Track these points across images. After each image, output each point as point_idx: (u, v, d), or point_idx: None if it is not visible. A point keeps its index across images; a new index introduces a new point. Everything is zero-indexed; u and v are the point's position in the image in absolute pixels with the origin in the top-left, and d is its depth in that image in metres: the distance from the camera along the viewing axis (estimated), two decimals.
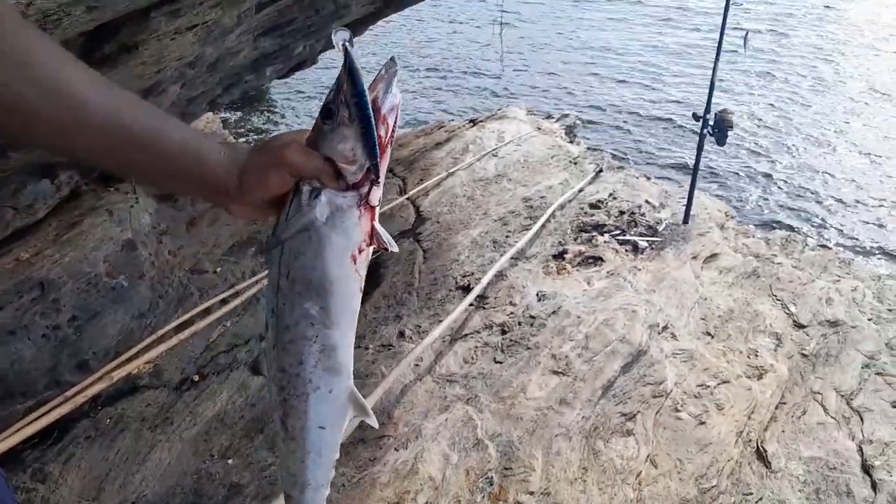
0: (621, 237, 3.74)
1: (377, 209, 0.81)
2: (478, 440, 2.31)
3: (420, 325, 3.01)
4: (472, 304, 3.07)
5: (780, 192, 7.07)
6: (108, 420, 2.45)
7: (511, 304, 3.10)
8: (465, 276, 3.36)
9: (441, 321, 2.87)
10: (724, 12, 3.80)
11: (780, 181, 7.25)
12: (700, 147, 3.96)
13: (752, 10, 13.50)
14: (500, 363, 2.71)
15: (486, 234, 3.81)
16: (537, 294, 3.13)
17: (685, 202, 4.04)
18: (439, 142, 5.36)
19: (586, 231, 3.80)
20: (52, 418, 2.33)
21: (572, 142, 5.92)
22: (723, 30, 3.82)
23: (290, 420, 0.86)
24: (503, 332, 2.90)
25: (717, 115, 3.81)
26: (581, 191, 4.36)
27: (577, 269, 3.40)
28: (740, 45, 3.83)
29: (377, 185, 0.78)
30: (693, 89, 9.39)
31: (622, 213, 4.02)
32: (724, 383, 2.67)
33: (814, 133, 8.38)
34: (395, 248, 0.83)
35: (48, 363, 2.47)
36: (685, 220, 3.99)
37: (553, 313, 2.94)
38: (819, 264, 4.03)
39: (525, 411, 2.45)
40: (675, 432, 2.45)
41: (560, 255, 3.53)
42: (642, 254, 3.62)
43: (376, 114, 0.75)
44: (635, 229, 3.85)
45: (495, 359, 2.75)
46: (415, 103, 9.36)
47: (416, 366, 2.72)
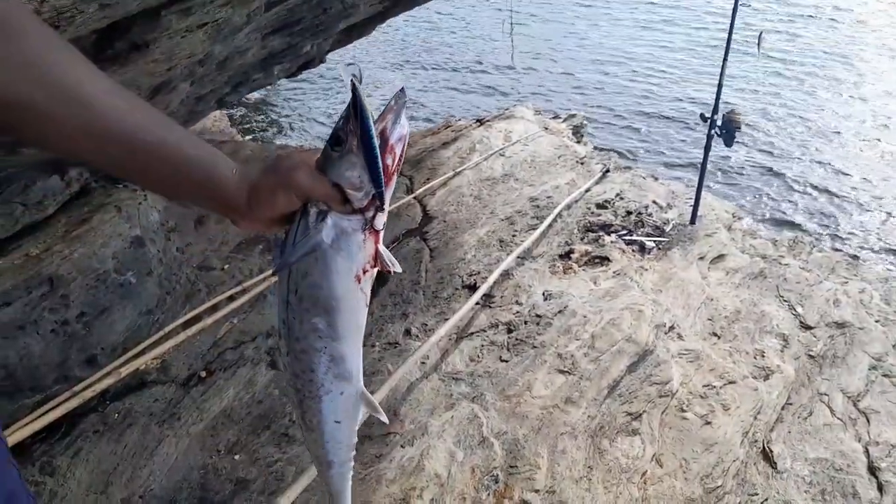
0: (628, 237, 3.74)
1: (381, 233, 0.83)
2: (483, 438, 2.32)
3: (426, 324, 3.02)
4: (478, 303, 3.08)
5: (788, 193, 7.05)
6: (116, 415, 2.46)
7: (517, 303, 3.10)
8: (471, 275, 3.37)
9: (447, 319, 2.88)
10: (733, 14, 3.80)
11: (789, 182, 7.23)
12: (707, 148, 3.95)
13: (765, 10, 13.44)
14: (506, 362, 2.72)
15: (492, 234, 3.81)
16: (543, 293, 3.13)
17: (692, 203, 4.03)
18: (446, 141, 5.36)
19: (593, 231, 3.80)
20: (60, 412, 2.34)
21: (579, 142, 5.93)
22: (731, 31, 3.82)
23: (307, 416, 0.92)
24: (509, 331, 2.91)
25: (724, 116, 3.80)
26: (588, 191, 4.36)
27: (583, 269, 3.40)
28: (753, 44, 3.82)
29: (382, 211, 0.81)
30: (702, 89, 9.35)
31: (629, 213, 4.02)
32: (731, 384, 2.67)
33: (825, 134, 8.35)
34: (399, 269, 0.86)
35: (57, 358, 2.48)
36: (692, 221, 3.99)
37: (559, 312, 2.95)
38: (826, 266, 4.03)
39: (531, 410, 2.45)
40: (681, 432, 2.45)
41: (566, 255, 3.53)
42: (649, 254, 3.61)
43: (384, 143, 0.77)
44: (642, 229, 3.84)
45: (501, 357, 2.75)
46: (422, 102, 9.37)
47: (423, 364, 2.73)
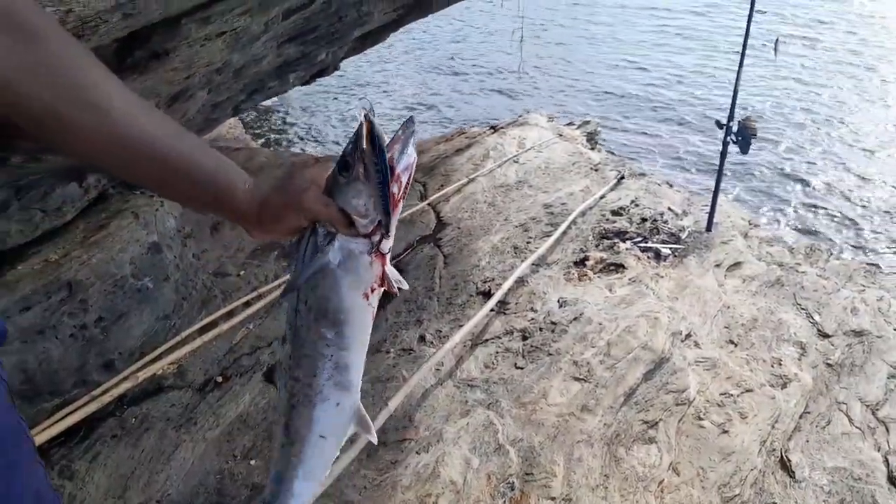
0: (643, 244, 3.72)
1: (388, 255, 0.84)
2: (499, 445, 2.31)
3: (441, 330, 3.02)
4: (492, 310, 3.08)
5: (805, 200, 6.98)
6: (134, 419, 2.48)
7: (532, 309, 3.10)
8: (485, 282, 3.36)
9: (462, 326, 2.88)
10: (748, 20, 3.78)
11: (807, 189, 7.16)
12: (723, 155, 3.93)
13: (785, 16, 13.36)
14: (521, 369, 2.71)
15: (506, 240, 3.81)
16: (558, 300, 3.13)
17: (708, 210, 4.01)
18: (460, 148, 5.37)
19: (608, 238, 3.79)
20: (78, 417, 2.36)
21: (593, 148, 5.91)
22: (746, 37, 3.79)
23: (294, 424, 0.89)
24: (524, 338, 2.90)
25: (740, 122, 3.78)
26: (603, 197, 4.34)
27: (598, 276, 3.39)
28: (771, 50, 3.80)
29: (387, 237, 0.82)
30: (718, 95, 9.30)
31: (644, 220, 4.00)
32: (748, 392, 2.65)
33: (845, 140, 8.24)
34: (405, 286, 0.88)
35: (75, 362, 2.51)
36: (708, 228, 3.97)
37: (574, 320, 2.94)
38: (844, 274, 3.99)
39: (546, 417, 2.44)
40: (698, 440, 2.44)
41: (581, 262, 3.52)
42: (665, 261, 3.60)
43: (391, 172, 0.78)
44: (657, 236, 3.83)
45: (516, 364, 2.75)
46: (436, 109, 9.40)
47: (437, 370, 2.73)
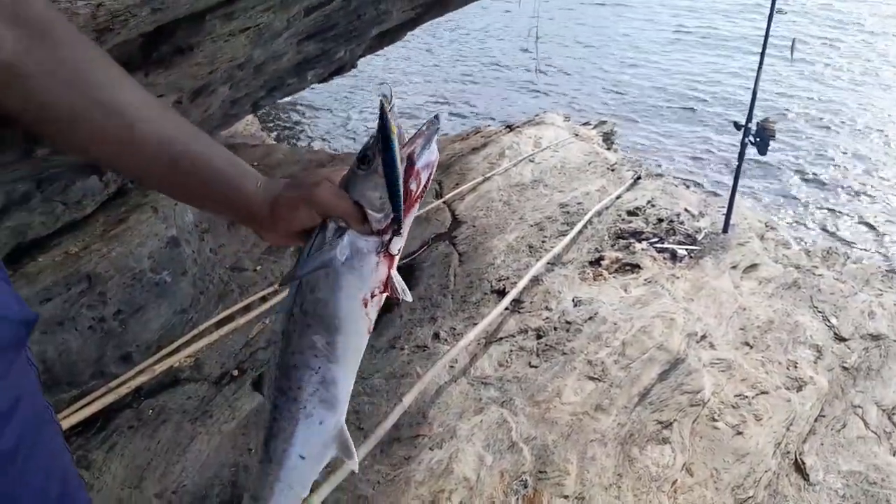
0: (659, 245, 3.71)
1: (396, 258, 0.83)
2: (512, 443, 2.32)
3: (455, 328, 3.03)
4: (507, 308, 3.08)
5: (823, 203, 6.91)
6: (151, 411, 2.51)
7: (547, 308, 3.10)
8: (500, 280, 3.37)
9: (476, 324, 2.88)
10: (769, 21, 3.76)
11: (825, 192, 7.08)
12: (741, 156, 3.91)
13: (807, 16, 13.22)
14: (536, 367, 2.72)
15: (521, 239, 3.81)
16: (573, 300, 3.13)
17: (725, 211, 3.99)
18: (476, 147, 5.37)
19: (624, 238, 3.78)
20: (96, 408, 2.39)
21: (610, 148, 5.90)
22: (766, 38, 3.78)
23: (273, 442, 0.86)
24: (538, 337, 2.90)
25: (758, 124, 3.76)
26: (619, 197, 4.33)
27: (613, 276, 3.39)
28: (788, 52, 3.78)
29: (399, 235, 0.80)
30: (738, 95, 9.22)
31: (660, 220, 3.99)
32: (763, 394, 2.64)
33: (864, 144, 8.14)
34: (409, 298, 0.85)
35: (94, 354, 2.54)
36: (725, 230, 3.95)
37: (589, 319, 2.93)
38: (861, 277, 3.95)
39: (560, 416, 2.44)
40: (712, 441, 2.43)
41: (597, 262, 3.52)
42: (681, 262, 3.58)
43: (410, 168, 0.78)
44: (674, 237, 3.81)
45: (530, 363, 2.75)
46: (451, 107, 9.40)
47: (451, 367, 2.74)
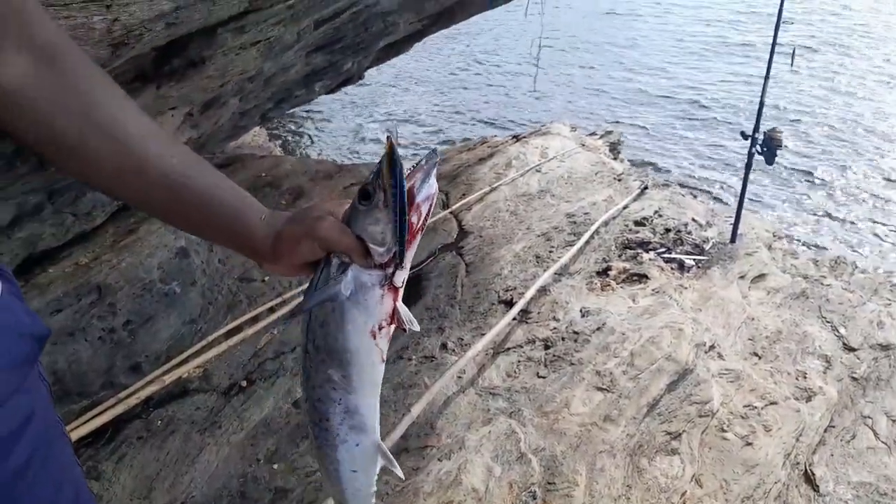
0: (667, 255, 3.71)
1: (401, 290, 0.84)
2: (521, 454, 2.31)
3: (462, 338, 3.03)
4: (514, 319, 3.08)
5: (831, 212, 6.90)
6: (160, 422, 2.51)
7: (554, 319, 3.09)
8: (507, 291, 3.37)
9: (484, 334, 2.88)
10: (776, 30, 3.77)
11: (833, 202, 7.08)
12: (748, 166, 3.91)
13: (815, 25, 13.21)
14: (544, 378, 2.71)
15: (528, 249, 3.81)
16: (581, 310, 3.12)
17: (732, 221, 3.99)
18: (482, 157, 5.38)
19: (631, 248, 3.78)
20: (105, 418, 2.39)
21: (616, 158, 5.90)
22: (773, 48, 3.78)
23: (325, 462, 0.92)
24: (546, 347, 2.90)
25: (766, 134, 3.76)
26: (626, 208, 4.33)
27: (621, 286, 3.38)
28: (800, 61, 3.78)
29: (402, 268, 0.81)
30: (745, 104, 9.22)
31: (668, 230, 3.99)
32: (772, 404, 2.63)
33: (872, 155, 8.12)
34: (416, 328, 0.85)
35: (104, 365, 2.55)
36: (732, 240, 3.94)
37: (597, 329, 2.93)
38: (869, 287, 3.94)
39: (569, 427, 2.44)
40: (721, 452, 2.42)
41: (604, 272, 3.52)
42: (688, 272, 3.58)
43: (410, 202, 0.78)
44: (681, 247, 3.81)
45: (538, 373, 2.75)
46: (456, 118, 9.43)
47: (459, 378, 2.73)
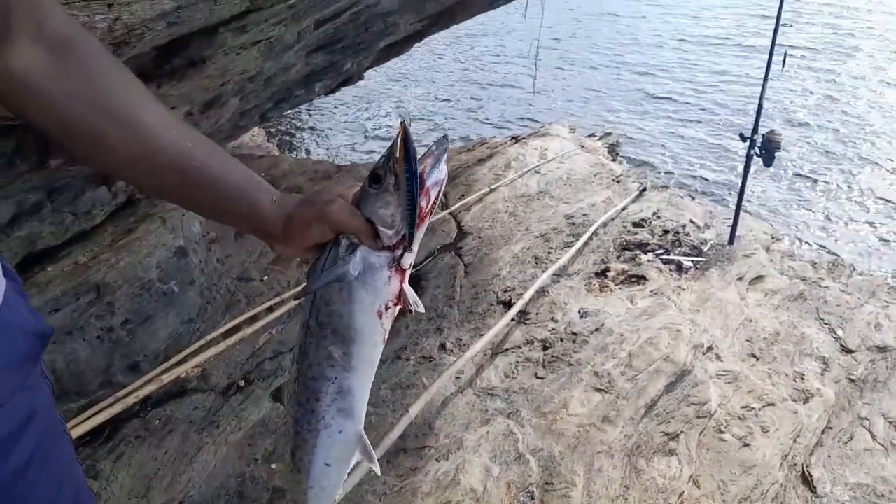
0: (665, 256, 3.72)
1: (408, 272, 0.85)
2: (519, 454, 2.31)
3: (461, 339, 3.03)
4: (513, 320, 3.08)
5: (828, 214, 6.92)
6: (158, 421, 2.51)
7: (553, 320, 3.10)
8: (506, 291, 3.37)
9: (482, 335, 2.89)
10: (774, 33, 3.78)
11: (830, 204, 7.10)
12: (746, 168, 3.92)
13: (814, 30, 13.23)
14: (542, 378, 2.72)
15: (527, 250, 3.82)
16: (579, 311, 3.13)
17: (730, 223, 4.00)
18: (481, 158, 5.39)
19: (629, 249, 3.78)
20: (104, 417, 2.39)
21: (615, 160, 5.91)
22: (772, 50, 3.79)
23: (299, 452, 0.90)
24: (545, 348, 2.90)
25: (764, 136, 3.77)
26: (624, 209, 4.34)
27: (619, 288, 3.39)
28: (796, 65, 3.79)
29: (410, 251, 0.82)
30: (745, 107, 9.23)
31: (666, 232, 3.99)
32: (770, 406, 2.63)
33: (870, 157, 8.13)
34: (422, 309, 0.87)
35: (102, 364, 2.55)
36: (730, 241, 3.95)
37: (596, 330, 2.94)
38: (867, 289, 3.95)
39: (567, 427, 2.44)
40: (719, 453, 2.42)
41: (603, 273, 3.52)
42: (686, 274, 3.59)
43: (420, 186, 0.79)
44: (679, 249, 3.82)
45: (536, 374, 2.75)
46: (456, 119, 9.43)
47: (458, 378, 2.74)
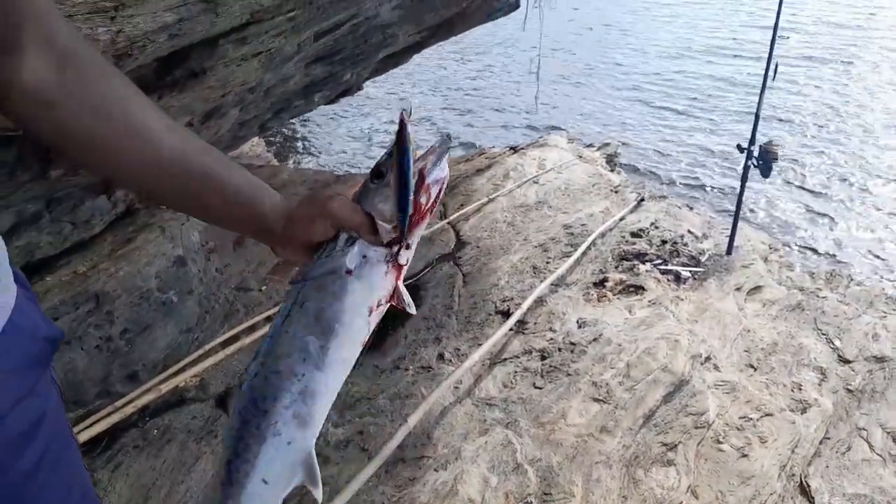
0: (663, 266, 3.72)
1: (404, 269, 0.84)
2: (517, 464, 2.31)
3: (459, 349, 3.04)
4: (511, 329, 3.09)
5: (826, 225, 6.92)
6: (156, 431, 2.51)
7: (551, 330, 3.10)
8: (504, 301, 3.38)
9: (480, 345, 2.89)
10: (771, 44, 3.80)
11: (828, 214, 7.09)
12: (744, 179, 3.94)
13: (813, 40, 13.28)
14: (540, 388, 2.72)
15: (526, 260, 3.83)
16: (578, 321, 3.13)
17: (728, 233, 4.01)
18: (480, 168, 5.41)
19: (627, 259, 3.79)
20: (102, 427, 2.39)
21: (613, 170, 5.93)
22: (769, 61, 3.81)
23: (235, 462, 0.83)
24: (543, 358, 2.91)
25: (761, 147, 3.78)
26: (622, 219, 4.35)
27: (618, 298, 3.40)
28: (793, 76, 3.81)
29: (408, 247, 0.83)
30: (742, 118, 9.25)
31: (664, 242, 4.00)
32: (768, 416, 2.63)
33: (868, 169, 8.14)
34: (414, 311, 0.86)
35: (100, 373, 2.55)
36: (728, 252, 3.96)
37: (594, 340, 2.94)
38: (865, 299, 3.95)
39: (565, 437, 2.44)
40: (717, 464, 2.42)
41: (601, 283, 3.53)
42: (684, 284, 3.59)
43: (421, 182, 0.80)
44: (677, 259, 3.83)
45: (535, 384, 2.75)
46: (454, 128, 9.45)
47: (456, 388, 2.74)
